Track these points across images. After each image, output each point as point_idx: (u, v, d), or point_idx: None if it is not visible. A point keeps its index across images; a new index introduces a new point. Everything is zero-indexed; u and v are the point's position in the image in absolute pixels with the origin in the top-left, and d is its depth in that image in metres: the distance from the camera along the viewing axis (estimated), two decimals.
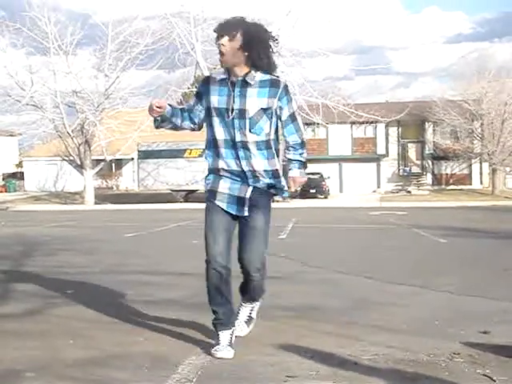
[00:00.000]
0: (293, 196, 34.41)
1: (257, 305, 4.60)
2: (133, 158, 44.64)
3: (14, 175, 55.49)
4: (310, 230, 15.94)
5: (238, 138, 4.11)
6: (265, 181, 4.19)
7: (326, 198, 40.29)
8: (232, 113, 4.08)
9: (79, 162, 36.29)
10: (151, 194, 37.28)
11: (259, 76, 4.10)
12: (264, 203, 4.24)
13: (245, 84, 4.09)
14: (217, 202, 4.21)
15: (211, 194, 4.25)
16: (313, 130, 45.77)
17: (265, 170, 4.17)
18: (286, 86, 4.19)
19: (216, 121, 4.15)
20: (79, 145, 35.87)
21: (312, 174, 43.33)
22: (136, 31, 33.49)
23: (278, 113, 4.19)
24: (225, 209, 4.20)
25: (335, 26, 39.97)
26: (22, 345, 4.35)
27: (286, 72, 32.84)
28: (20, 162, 57.61)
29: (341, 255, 10.18)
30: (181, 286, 6.95)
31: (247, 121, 4.09)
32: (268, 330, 4.72)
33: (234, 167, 4.16)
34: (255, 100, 4.09)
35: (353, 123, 41.80)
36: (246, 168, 4.14)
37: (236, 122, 4.09)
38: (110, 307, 5.56)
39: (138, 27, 33.53)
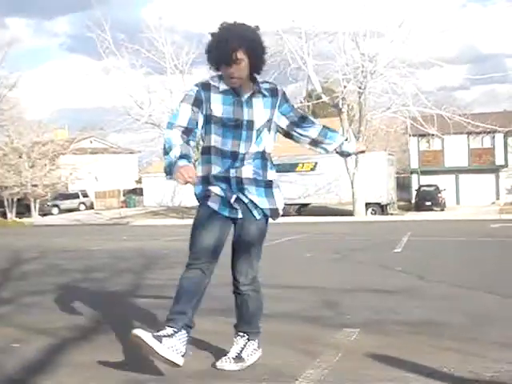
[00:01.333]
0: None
1: (252, 344, 4.18)
2: None
3: (133, 191, 57.59)
4: (426, 244, 15.59)
5: (243, 149, 3.94)
6: (253, 189, 3.98)
7: (442, 210, 39.30)
8: (241, 124, 3.92)
9: None
10: None
11: (261, 85, 3.99)
12: (261, 216, 4.06)
13: (252, 96, 3.95)
14: (209, 203, 4.02)
15: (204, 197, 4.06)
16: (427, 142, 44.86)
17: (255, 179, 3.99)
18: (284, 93, 4.12)
19: (215, 129, 3.96)
20: (195, 161, 36.73)
21: (428, 186, 42.45)
22: None
23: (278, 122, 4.07)
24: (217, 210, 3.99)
25: (449, 35, 39.01)
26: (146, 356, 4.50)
27: (399, 84, 32.44)
28: (139, 179, 59.74)
29: (459, 269, 9.90)
30: (295, 299, 6.97)
31: (254, 132, 3.95)
32: (385, 345, 4.66)
33: (227, 174, 3.98)
34: (262, 111, 3.96)
35: (469, 133, 40.60)
36: (236, 174, 3.96)
37: (244, 133, 3.93)
38: (226, 319, 5.66)
39: None
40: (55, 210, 51.11)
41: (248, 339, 4.17)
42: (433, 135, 35.29)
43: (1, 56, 47.61)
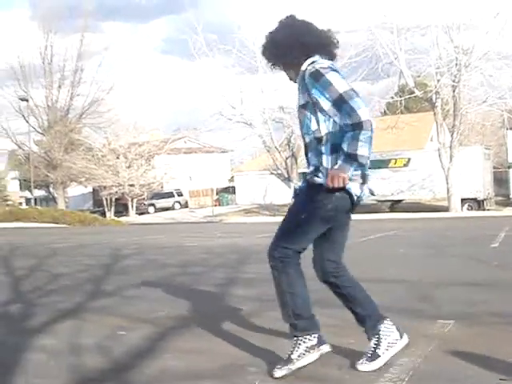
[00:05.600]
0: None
1: (297, 344, 3.90)
2: None
3: (226, 190, 58.46)
4: None
5: (305, 140, 3.99)
6: (314, 177, 3.86)
7: None
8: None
9: (286, 175, 37.46)
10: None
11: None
12: (308, 195, 3.88)
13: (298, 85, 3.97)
14: None
15: None
16: None
17: (315, 168, 3.87)
18: (312, 74, 3.79)
19: None
20: (286, 158, 37.06)
21: None
22: (340, 45, 33.93)
23: (319, 105, 3.78)
24: None
25: None
26: (243, 343, 4.70)
27: (494, 76, 31.58)
28: (232, 177, 60.58)
29: None
30: (390, 292, 6.98)
31: (300, 122, 3.98)
32: (479, 336, 4.69)
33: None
34: (298, 97, 3.94)
35: None
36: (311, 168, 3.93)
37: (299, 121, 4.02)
38: (322, 309, 5.76)
39: (341, 41, 33.94)
40: (151, 209, 52.59)
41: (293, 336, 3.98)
42: None
43: (98, 61, 49.47)
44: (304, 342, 3.86)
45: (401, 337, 4.00)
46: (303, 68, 3.89)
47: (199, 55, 36.84)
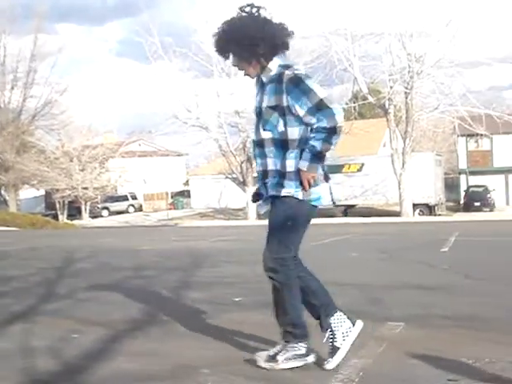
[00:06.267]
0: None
1: (287, 348, 3.99)
2: None
3: (181, 193, 58.26)
4: (473, 244, 15.50)
5: (255, 137, 4.05)
6: (274, 181, 3.95)
7: (491, 211, 38.85)
8: (257, 112, 4.04)
9: (241, 179, 37.55)
10: None
11: (274, 71, 3.93)
12: (279, 203, 3.95)
13: (262, 82, 4.00)
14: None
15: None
16: (476, 142, 44.34)
17: (276, 170, 3.94)
18: (291, 79, 3.82)
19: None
20: (241, 163, 37.14)
21: (476, 186, 41.98)
22: (294, 51, 34.20)
23: (293, 110, 3.83)
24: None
25: (498, 33, 38.53)
26: (197, 345, 4.73)
27: (446, 83, 32.21)
28: (187, 181, 60.42)
29: (506, 269, 9.88)
30: (341, 294, 7.05)
31: (261, 119, 3.98)
32: (429, 338, 4.80)
33: (258, 168, 4.08)
34: (266, 98, 3.94)
35: None
36: (260, 168, 4.03)
37: (256, 119, 4.05)
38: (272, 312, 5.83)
39: (296, 47, 34.22)
40: (105, 212, 52.10)
41: (285, 341, 4.01)
42: (481, 135, 34.99)
43: (52, 62, 48.85)
44: (294, 349, 3.97)
45: (353, 324, 4.09)
46: (274, 69, 3.93)
47: (155, 58, 36.78)
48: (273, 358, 3.95)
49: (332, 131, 3.78)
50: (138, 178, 53.23)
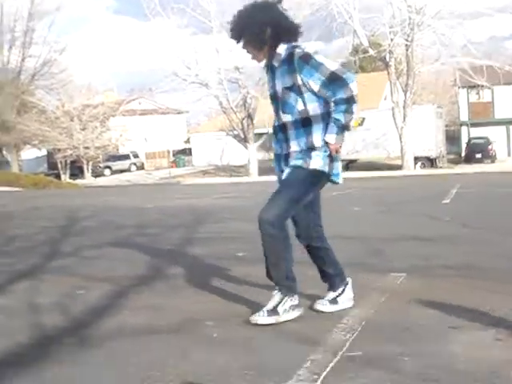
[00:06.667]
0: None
1: (284, 300, 4.04)
2: None
3: (183, 151, 58.18)
4: (475, 195, 15.55)
5: (276, 122, 4.15)
6: (299, 156, 4.05)
7: (492, 162, 38.82)
8: (273, 95, 4.15)
9: (243, 136, 37.46)
10: None
11: (283, 54, 4.01)
12: (302, 170, 4.03)
13: (274, 67, 4.08)
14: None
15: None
16: (477, 93, 44.07)
17: (300, 151, 4.05)
18: (302, 57, 3.93)
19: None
20: (242, 119, 37.01)
21: (478, 138, 41.86)
22: (294, 3, 33.77)
23: (308, 86, 3.95)
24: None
25: None
26: (202, 299, 4.80)
27: (447, 35, 31.89)
28: (188, 139, 60.29)
29: (507, 218, 9.93)
30: (342, 248, 7.11)
31: (279, 103, 4.08)
32: (430, 287, 4.85)
33: (279, 151, 4.20)
34: (279, 80, 4.05)
35: None
36: (283, 151, 4.15)
37: (274, 105, 4.15)
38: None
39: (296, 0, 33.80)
40: (107, 172, 52.13)
41: (281, 294, 4.06)
42: (482, 86, 34.72)
43: (49, 21, 48.35)
44: (291, 300, 4.05)
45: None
46: (283, 51, 4.01)
47: (153, 15, 36.32)
48: (273, 312, 4.01)
49: (351, 100, 3.90)
50: (139, 137, 53.10)
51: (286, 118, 4.07)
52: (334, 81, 3.88)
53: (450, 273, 5.40)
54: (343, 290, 4.30)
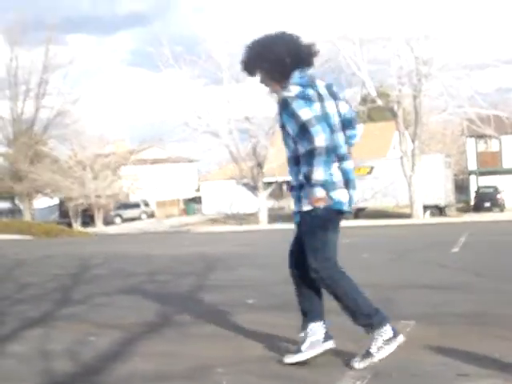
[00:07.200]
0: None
1: (374, 339, 4.01)
2: None
3: (193, 200, 58.45)
4: (484, 244, 15.52)
5: (287, 153, 4.18)
6: (296, 196, 4.12)
7: (501, 211, 38.76)
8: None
9: (252, 184, 37.66)
10: None
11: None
12: (304, 215, 4.09)
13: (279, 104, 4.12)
14: None
15: None
16: (485, 143, 44.27)
17: (296, 186, 4.10)
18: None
19: None
20: (252, 168, 37.25)
21: (486, 187, 41.89)
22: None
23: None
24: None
25: (505, 35, 38.46)
26: (211, 345, 4.84)
27: (454, 86, 32.23)
28: (198, 187, 60.56)
29: None
30: None
31: (285, 137, 4.13)
32: (439, 335, 4.88)
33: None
34: (278, 118, 4.16)
35: None
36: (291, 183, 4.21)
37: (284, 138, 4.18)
38: (284, 313, 5.93)
39: None
40: (118, 220, 52.26)
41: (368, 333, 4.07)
42: (490, 136, 34.91)
43: (63, 73, 49.19)
44: (381, 335, 4.00)
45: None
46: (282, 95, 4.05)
47: (165, 67, 37.00)
48: (368, 355, 3.99)
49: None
50: (150, 185, 53.40)
51: (287, 153, 4.14)
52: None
53: (458, 320, 5.43)
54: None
